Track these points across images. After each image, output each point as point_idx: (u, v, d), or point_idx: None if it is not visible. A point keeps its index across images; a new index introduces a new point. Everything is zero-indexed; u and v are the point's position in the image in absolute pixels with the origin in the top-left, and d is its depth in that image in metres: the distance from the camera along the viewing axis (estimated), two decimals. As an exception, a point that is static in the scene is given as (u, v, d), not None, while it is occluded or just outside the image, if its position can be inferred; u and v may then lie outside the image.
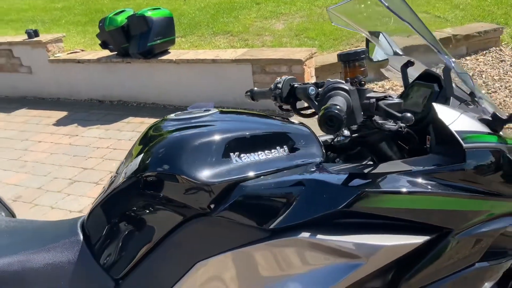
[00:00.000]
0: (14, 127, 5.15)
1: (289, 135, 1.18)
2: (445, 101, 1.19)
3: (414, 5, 6.19)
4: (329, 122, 0.89)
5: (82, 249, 1.18)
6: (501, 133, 1.12)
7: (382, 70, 1.56)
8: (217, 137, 1.10)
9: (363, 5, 1.39)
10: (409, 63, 1.41)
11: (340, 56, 1.13)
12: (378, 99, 1.06)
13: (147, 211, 1.12)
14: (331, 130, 0.90)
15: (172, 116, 1.25)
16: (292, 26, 6.01)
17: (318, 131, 1.21)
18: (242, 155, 1.09)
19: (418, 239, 1.03)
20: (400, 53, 1.49)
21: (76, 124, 4.99)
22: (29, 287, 1.13)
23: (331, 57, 4.90)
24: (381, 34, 1.51)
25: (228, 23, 6.31)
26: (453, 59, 1.18)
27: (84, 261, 1.17)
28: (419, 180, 1.05)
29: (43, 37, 5.74)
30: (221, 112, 1.24)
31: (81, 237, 1.20)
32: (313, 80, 4.66)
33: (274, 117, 1.26)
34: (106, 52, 5.38)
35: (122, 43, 5.07)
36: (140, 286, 1.13)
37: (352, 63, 1.11)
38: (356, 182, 1.04)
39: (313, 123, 1.15)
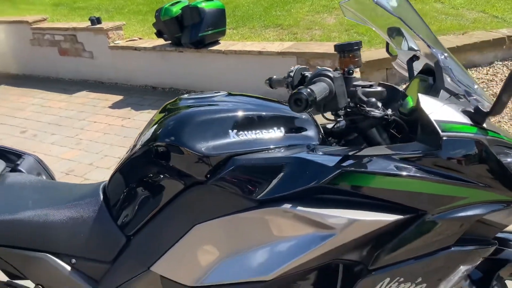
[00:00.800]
0: (74, 107, 5.55)
1: (288, 118, 1.29)
2: (436, 93, 1.26)
3: (472, 4, 6.03)
4: (298, 102, 1.00)
5: (101, 209, 1.35)
6: (485, 125, 1.18)
7: (393, 63, 1.63)
8: (218, 115, 1.24)
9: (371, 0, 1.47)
10: (414, 58, 1.48)
11: (335, 47, 1.23)
12: (364, 87, 1.15)
13: (156, 177, 1.27)
14: (298, 109, 1.01)
15: (186, 95, 1.39)
16: (343, 21, 6.01)
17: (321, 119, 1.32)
18: (240, 132, 1.21)
19: (390, 217, 1.12)
20: (415, 48, 1.55)
21: (130, 108, 5.31)
22: (50, 236, 1.32)
23: (378, 53, 4.89)
24: (401, 29, 1.57)
25: (279, 17, 6.41)
26: (446, 54, 1.24)
27: (102, 219, 1.34)
28: (397, 163, 1.13)
29: (104, 24, 6.11)
30: (229, 94, 1.37)
31: (101, 198, 1.38)
32: (358, 75, 4.68)
33: (277, 101, 1.38)
34: (161, 41, 5.65)
35: (175, 32, 5.31)
36: (147, 243, 1.29)
37: (347, 53, 1.20)
38: (339, 161, 1.14)
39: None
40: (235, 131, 1.21)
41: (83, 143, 4.51)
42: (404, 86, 1.74)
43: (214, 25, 5.17)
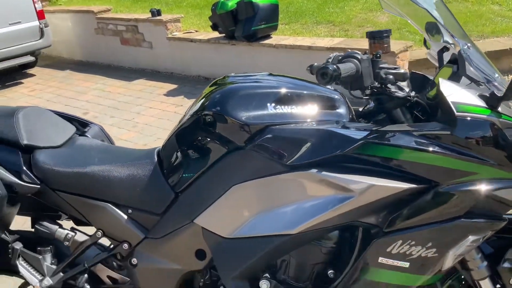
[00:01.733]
0: (132, 93, 5.91)
1: (322, 97, 1.44)
2: (458, 79, 1.38)
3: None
4: (324, 75, 1.17)
5: (155, 169, 1.56)
6: (501, 110, 1.28)
7: (426, 54, 1.75)
8: (260, 90, 1.42)
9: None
10: (444, 49, 1.59)
11: (367, 34, 1.38)
12: (388, 69, 1.29)
13: (203, 143, 1.46)
14: (323, 82, 1.18)
15: (232, 74, 1.58)
16: (396, 19, 6.03)
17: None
18: (277, 106, 1.38)
19: (405, 185, 1.25)
20: (450, 42, 1.66)
21: (183, 96, 5.60)
22: (112, 189, 1.54)
23: (428, 52, 4.90)
24: (438, 25, 1.69)
25: (332, 13, 6.51)
26: (469, 45, 1.36)
27: (155, 177, 1.55)
28: (416, 138, 1.26)
29: (164, 16, 6.45)
30: (270, 74, 1.55)
31: (156, 160, 1.58)
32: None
33: (313, 83, 1.53)
34: (216, 34, 5.90)
35: (230, 26, 5.54)
36: (192, 199, 1.48)
37: (377, 40, 1.35)
38: (361, 134, 1.29)
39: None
40: (273, 104, 1.38)
41: (139, 126, 4.84)
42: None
43: (267, 19, 5.36)
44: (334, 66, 1.18)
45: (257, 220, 1.38)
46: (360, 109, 1.60)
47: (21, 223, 1.80)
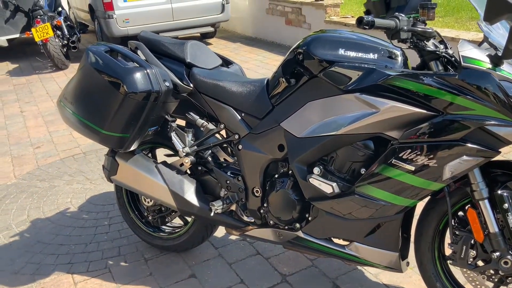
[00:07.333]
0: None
1: (384, 50, 2.01)
2: (481, 44, 1.84)
3: None
4: (360, 22, 1.75)
5: (263, 89, 2.30)
6: (506, 68, 1.72)
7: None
8: (337, 39, 2.05)
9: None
10: None
11: (420, 4, 1.91)
12: (418, 26, 1.82)
13: (294, 71, 2.15)
14: (359, 26, 1.76)
15: (326, 29, 2.23)
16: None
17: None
18: (346, 51, 2.00)
19: (417, 110, 1.78)
20: None
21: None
22: (234, 98, 2.33)
23: None
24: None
25: (490, 11, 6.49)
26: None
27: (262, 95, 2.29)
28: (431, 78, 1.77)
29: (325, 1, 7.16)
30: (351, 32, 2.16)
31: (264, 84, 2.33)
32: None
33: (382, 40, 2.10)
34: (368, 20, 6.41)
35: (381, 13, 5.91)
36: (281, 110, 2.19)
37: (425, 9, 1.88)
38: (393, 72, 1.85)
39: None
40: (343, 49, 2.01)
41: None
42: None
43: (417, 9, 5.69)
44: (369, 18, 1.76)
45: (318, 125, 2.04)
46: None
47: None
